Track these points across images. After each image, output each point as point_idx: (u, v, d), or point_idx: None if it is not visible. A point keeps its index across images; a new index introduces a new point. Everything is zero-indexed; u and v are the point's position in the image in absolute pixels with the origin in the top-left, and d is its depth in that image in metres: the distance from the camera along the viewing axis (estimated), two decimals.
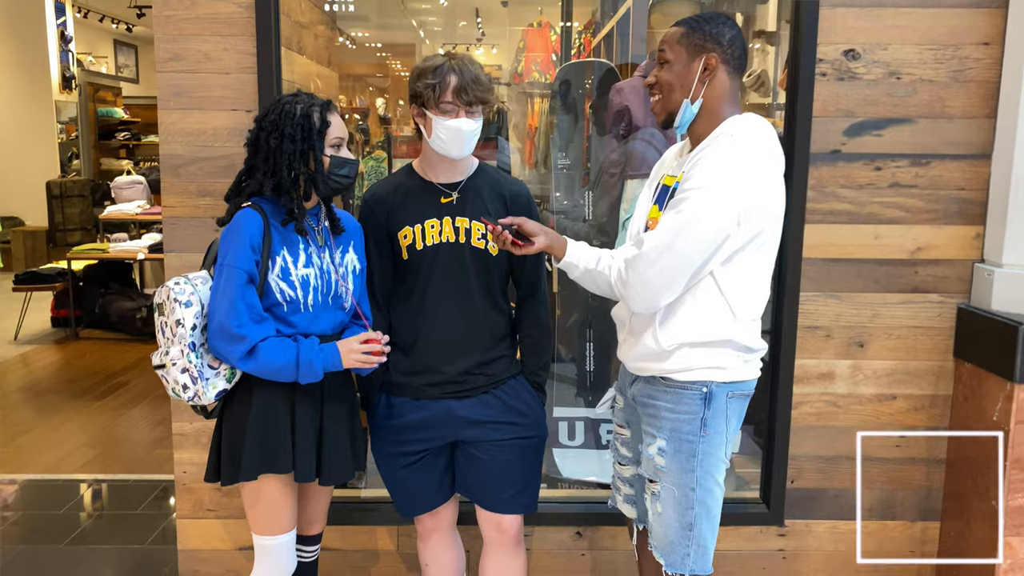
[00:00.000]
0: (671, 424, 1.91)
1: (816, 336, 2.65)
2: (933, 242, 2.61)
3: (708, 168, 1.76)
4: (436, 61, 2.03)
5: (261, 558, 2.11)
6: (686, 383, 1.90)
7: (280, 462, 2.01)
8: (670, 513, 1.93)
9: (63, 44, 10.40)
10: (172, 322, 1.93)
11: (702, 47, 1.86)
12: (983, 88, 2.54)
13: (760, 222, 1.80)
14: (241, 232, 1.94)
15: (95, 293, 6.82)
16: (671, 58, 1.89)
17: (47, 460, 4.22)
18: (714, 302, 1.84)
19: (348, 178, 2.03)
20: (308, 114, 1.97)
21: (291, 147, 1.95)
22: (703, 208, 1.74)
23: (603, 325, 3.18)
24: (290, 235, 2.01)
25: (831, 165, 2.57)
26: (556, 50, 4.26)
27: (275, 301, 1.98)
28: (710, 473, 1.92)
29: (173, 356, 1.93)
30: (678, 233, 1.76)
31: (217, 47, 2.52)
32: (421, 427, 2.18)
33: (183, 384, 1.94)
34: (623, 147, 3.00)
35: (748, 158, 1.77)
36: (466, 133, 2.04)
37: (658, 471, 1.93)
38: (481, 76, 2.04)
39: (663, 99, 1.91)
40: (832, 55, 2.53)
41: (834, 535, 2.76)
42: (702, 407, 1.89)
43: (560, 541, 2.79)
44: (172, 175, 2.57)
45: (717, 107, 1.87)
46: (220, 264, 1.95)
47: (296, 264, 2.00)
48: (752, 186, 1.76)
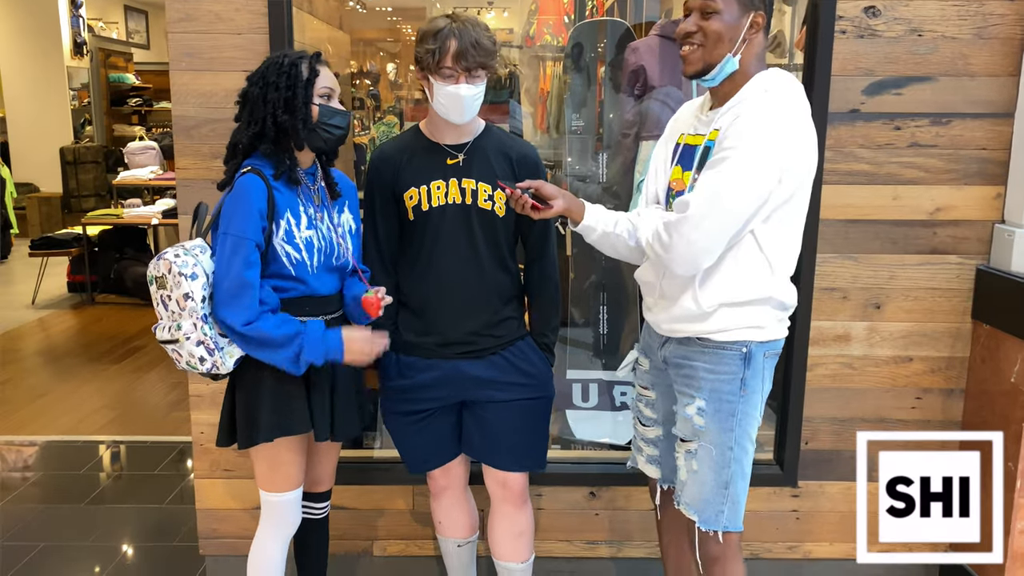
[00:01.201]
0: (711, 384, 1.91)
1: (832, 298, 2.63)
2: (952, 203, 2.57)
3: (748, 126, 1.74)
4: (438, 24, 2.00)
5: (269, 514, 2.14)
6: (725, 343, 1.89)
7: (297, 423, 2.03)
8: (706, 472, 1.93)
9: (73, 10, 10.34)
10: (179, 296, 1.90)
11: (751, 4, 1.83)
12: (1007, 45, 2.48)
13: (798, 177, 1.80)
14: (248, 200, 1.92)
15: (110, 258, 6.87)
16: (721, 7, 1.82)
17: (66, 422, 4.28)
18: (754, 260, 1.84)
19: (340, 128, 2.00)
20: (295, 63, 1.95)
21: (275, 95, 1.93)
22: (746, 167, 1.73)
23: (617, 288, 3.16)
24: (291, 197, 1.99)
25: (850, 125, 2.53)
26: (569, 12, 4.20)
27: (282, 265, 1.97)
28: (747, 432, 1.93)
29: (186, 330, 1.91)
30: (722, 193, 1.74)
31: (228, 7, 2.49)
32: (432, 386, 2.20)
33: (199, 356, 1.93)
34: (638, 107, 2.96)
35: (786, 114, 1.76)
36: (466, 99, 2.01)
37: (696, 431, 1.94)
38: (483, 40, 2.00)
39: (706, 49, 1.84)
40: (852, 12, 2.48)
41: (847, 496, 2.76)
42: (742, 367, 1.89)
43: (574, 501, 2.81)
44: (185, 137, 2.57)
45: (748, 65, 1.85)
46: (224, 232, 1.92)
47: (299, 226, 1.99)
48: (791, 142, 1.75)
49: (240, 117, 2.01)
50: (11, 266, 8.30)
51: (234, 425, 2.08)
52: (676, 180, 1.94)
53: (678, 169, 1.94)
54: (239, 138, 2.00)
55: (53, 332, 6.07)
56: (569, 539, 2.84)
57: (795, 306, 1.96)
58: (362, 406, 2.21)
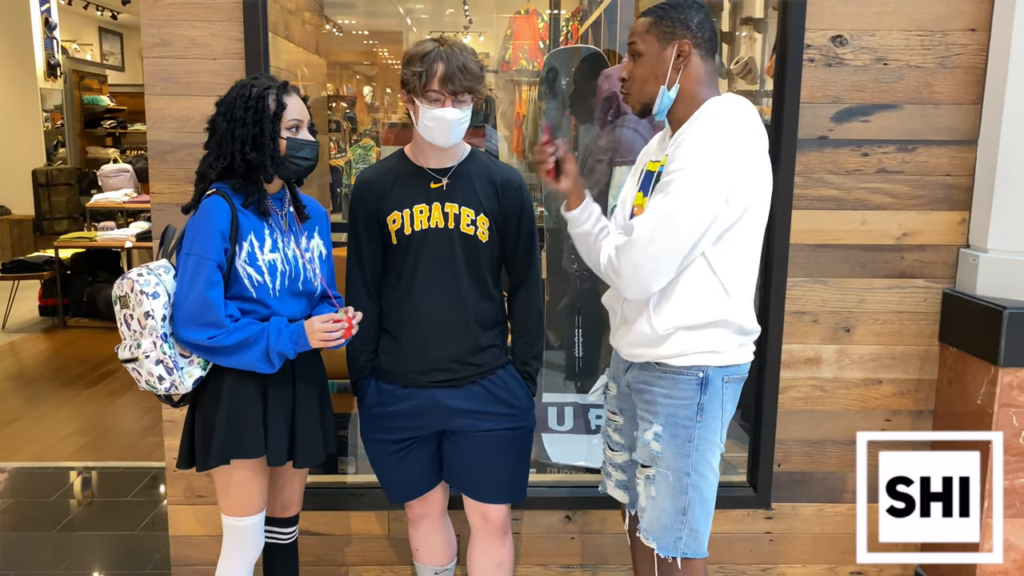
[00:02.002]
0: (667, 410, 1.91)
1: (803, 321, 2.67)
2: (919, 228, 2.63)
3: (691, 149, 1.77)
4: (425, 47, 2.01)
5: (230, 538, 2.12)
6: (681, 368, 1.90)
7: (251, 446, 2.02)
8: (664, 497, 1.93)
9: (47, 31, 10.29)
10: (140, 314, 1.91)
11: (672, 34, 1.86)
12: (970, 74, 2.55)
13: (747, 198, 1.80)
14: (209, 221, 1.93)
15: (83, 281, 6.79)
16: (643, 49, 1.89)
17: (37, 448, 4.21)
18: (707, 283, 1.84)
19: (307, 160, 2.02)
20: (262, 96, 1.96)
21: (242, 131, 1.95)
22: (691, 189, 1.74)
23: (592, 311, 3.19)
24: (255, 221, 2.00)
25: (818, 151, 2.58)
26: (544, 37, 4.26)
27: (243, 287, 1.98)
28: (705, 458, 1.92)
29: (146, 348, 1.92)
30: (667, 216, 1.76)
31: (204, 32, 2.50)
32: (409, 415, 2.18)
33: (158, 376, 1.93)
34: (611, 133, 3.01)
35: (730, 136, 1.78)
36: (452, 122, 2.02)
37: (654, 456, 1.94)
38: (470, 64, 2.01)
39: (636, 91, 1.91)
40: (819, 41, 2.54)
41: (820, 517, 2.79)
42: (698, 392, 1.89)
43: (550, 525, 2.81)
44: (160, 161, 2.56)
45: (694, 91, 1.87)
46: (187, 253, 1.94)
47: (263, 249, 2.00)
48: (737, 163, 1.76)
49: (209, 146, 2.02)
50: None
51: (194, 447, 2.07)
52: (638, 205, 1.96)
53: (639, 195, 1.96)
54: (207, 170, 2.01)
55: (24, 356, 5.99)
56: (545, 563, 2.84)
57: (757, 330, 1.96)
58: (327, 431, 2.17)
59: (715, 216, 1.77)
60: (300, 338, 1.98)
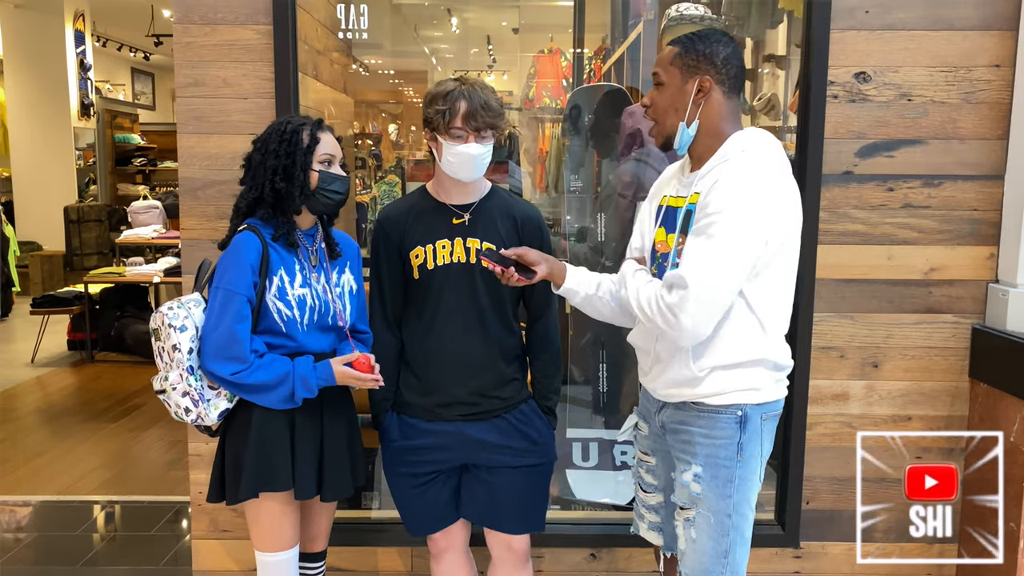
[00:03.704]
0: (707, 450, 1.87)
1: (830, 357, 2.65)
2: (946, 263, 2.61)
3: (729, 190, 1.74)
4: (447, 87, 2.05)
5: (264, 575, 2.12)
6: (720, 407, 1.86)
7: (279, 479, 2.03)
8: (705, 540, 1.88)
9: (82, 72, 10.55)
10: (168, 347, 1.96)
11: (695, 68, 1.85)
12: (995, 110, 2.55)
13: (782, 235, 1.78)
14: (240, 256, 1.97)
15: (111, 316, 6.87)
16: (665, 80, 1.88)
17: (62, 482, 4.23)
18: (745, 320, 1.81)
19: (339, 194, 2.06)
20: (297, 131, 2.01)
21: (274, 162, 1.99)
22: (735, 234, 1.71)
23: (616, 345, 3.18)
24: (287, 255, 2.04)
25: (843, 186, 2.58)
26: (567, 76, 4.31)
27: (272, 322, 2.00)
28: (746, 498, 1.89)
29: (172, 381, 1.96)
30: (716, 264, 1.72)
31: (236, 72, 2.56)
32: (434, 449, 2.19)
33: (184, 407, 1.98)
34: (635, 169, 3.02)
35: (765, 175, 1.76)
36: (475, 158, 2.06)
37: (694, 498, 1.89)
38: (491, 101, 2.06)
39: (659, 123, 1.91)
40: (843, 77, 2.55)
41: (850, 557, 2.74)
42: (738, 431, 1.86)
43: (574, 563, 2.78)
44: (190, 198, 2.61)
45: (716, 127, 1.86)
46: (216, 287, 1.98)
47: (293, 284, 2.02)
48: (774, 202, 1.75)
49: (244, 180, 2.06)
50: (12, 324, 8.31)
51: (224, 481, 2.08)
52: (660, 242, 1.94)
53: (661, 231, 1.94)
54: (239, 202, 2.07)
55: (52, 390, 6.05)
56: None
57: (791, 366, 1.95)
58: (355, 465, 2.18)
59: (757, 256, 1.75)
60: (326, 381, 2.01)
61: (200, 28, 2.55)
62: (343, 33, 2.98)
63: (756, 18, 3.66)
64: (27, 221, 9.93)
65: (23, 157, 10.13)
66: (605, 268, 2.46)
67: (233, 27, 2.55)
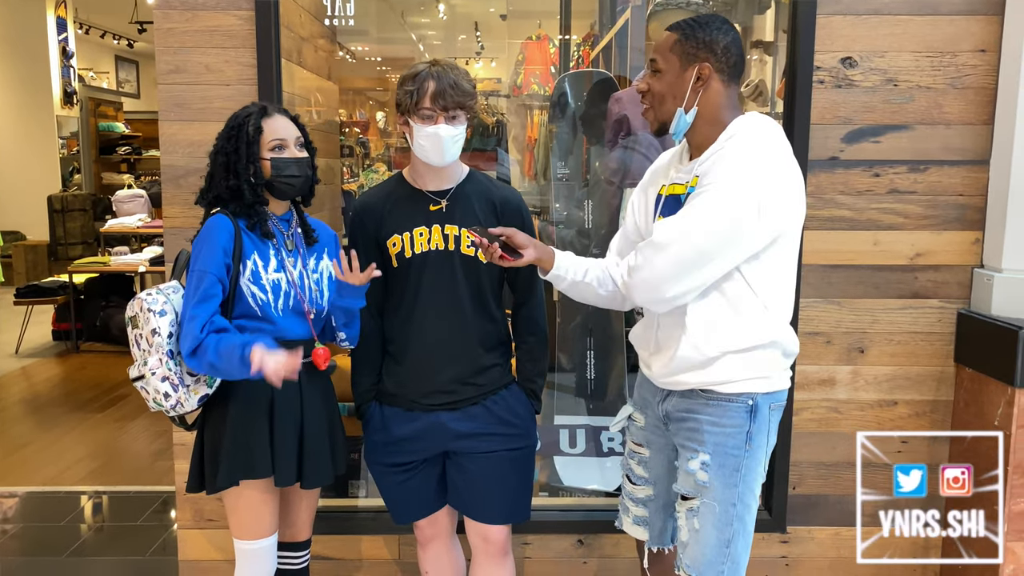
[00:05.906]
0: (715, 438, 1.85)
1: (816, 342, 2.66)
2: (932, 248, 2.61)
3: (725, 165, 1.72)
4: (417, 68, 2.03)
5: (243, 562, 2.11)
6: (731, 395, 1.84)
7: (259, 467, 2.01)
8: (709, 530, 1.86)
9: (65, 60, 10.45)
10: (148, 332, 1.94)
11: (695, 56, 1.81)
12: (980, 95, 2.55)
13: (782, 219, 1.74)
14: (212, 238, 1.96)
15: (96, 306, 6.83)
16: (663, 67, 1.85)
17: (48, 473, 4.21)
18: (749, 303, 1.78)
19: (295, 177, 2.03)
20: (241, 124, 2.00)
21: (223, 159, 2.00)
22: (718, 199, 1.69)
23: (604, 332, 3.18)
24: (260, 240, 2.02)
25: (829, 172, 2.58)
26: (555, 62, 4.29)
27: (247, 306, 1.98)
28: (751, 488, 1.87)
29: (152, 365, 1.94)
30: (693, 222, 1.71)
31: (218, 59, 2.53)
32: (413, 439, 2.18)
33: (164, 392, 1.95)
34: (622, 156, 3.01)
35: (761, 151, 1.73)
36: (445, 139, 2.02)
37: (699, 487, 1.86)
38: (461, 81, 2.02)
39: (654, 108, 1.88)
40: (829, 63, 2.54)
41: (836, 541, 2.75)
42: (748, 420, 1.84)
43: (562, 549, 2.79)
44: (173, 186, 2.59)
45: (715, 115, 1.83)
46: (191, 270, 1.97)
47: (267, 268, 2.01)
48: (769, 177, 1.71)
49: (205, 178, 2.07)
50: None
51: (203, 469, 2.07)
52: None
53: (661, 220, 1.89)
54: (199, 200, 2.07)
55: (37, 381, 6.01)
56: None
57: (797, 352, 1.91)
58: (336, 452, 2.16)
59: (745, 230, 1.71)
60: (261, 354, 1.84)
61: (181, 14, 2.52)
62: (328, 19, 2.95)
63: (744, 4, 3.65)
64: (10, 210, 9.85)
65: (5, 146, 10.04)
66: (592, 255, 2.44)
67: (215, 12, 2.52)
